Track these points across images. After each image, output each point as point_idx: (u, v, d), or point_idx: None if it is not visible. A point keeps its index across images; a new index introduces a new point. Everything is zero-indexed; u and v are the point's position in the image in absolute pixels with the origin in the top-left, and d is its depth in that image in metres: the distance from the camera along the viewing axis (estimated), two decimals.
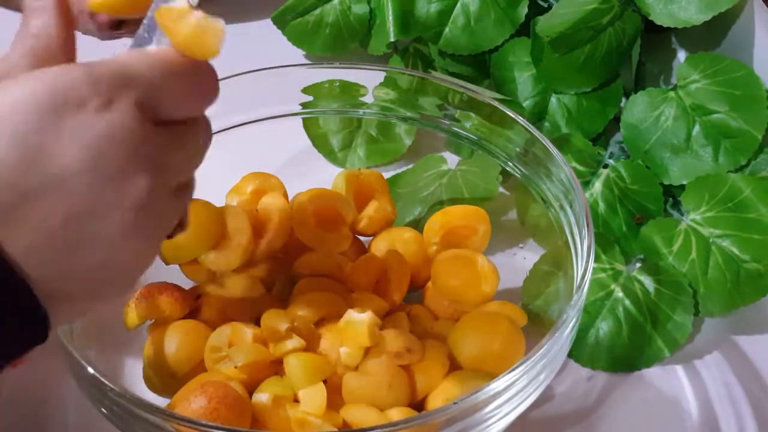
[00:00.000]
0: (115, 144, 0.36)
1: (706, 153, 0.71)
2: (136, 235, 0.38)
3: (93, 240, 0.37)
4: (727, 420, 0.62)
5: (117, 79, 0.37)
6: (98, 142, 0.36)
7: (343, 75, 0.71)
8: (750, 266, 0.65)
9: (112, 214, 0.37)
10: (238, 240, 0.61)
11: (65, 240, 0.36)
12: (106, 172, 0.36)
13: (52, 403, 0.62)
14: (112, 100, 0.36)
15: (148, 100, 0.38)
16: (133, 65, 0.38)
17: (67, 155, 0.36)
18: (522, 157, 0.66)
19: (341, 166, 0.78)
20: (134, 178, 0.37)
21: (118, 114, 0.36)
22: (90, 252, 0.37)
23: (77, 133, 0.36)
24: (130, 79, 0.37)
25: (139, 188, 0.37)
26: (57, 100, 0.36)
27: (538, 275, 0.67)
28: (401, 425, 0.48)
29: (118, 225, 0.37)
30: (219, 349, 0.58)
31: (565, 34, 0.73)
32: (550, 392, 0.64)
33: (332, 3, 0.87)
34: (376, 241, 0.67)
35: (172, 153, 0.39)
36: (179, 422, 0.48)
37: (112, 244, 0.37)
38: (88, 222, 0.36)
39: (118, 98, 0.37)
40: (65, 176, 0.36)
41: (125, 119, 0.37)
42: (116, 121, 0.36)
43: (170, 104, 0.39)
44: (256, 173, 0.67)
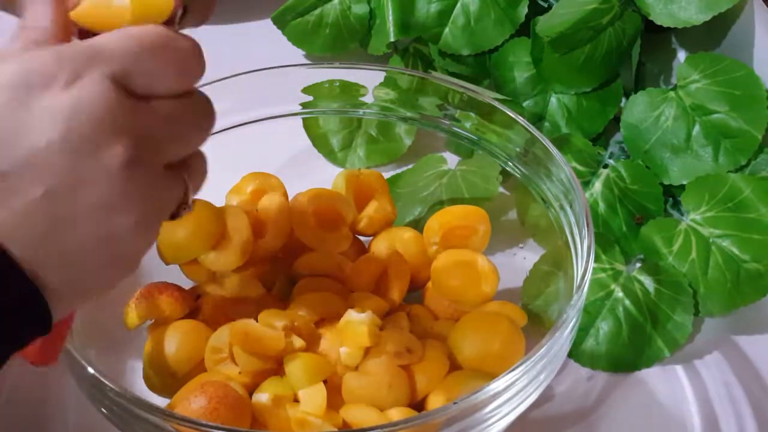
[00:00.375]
0: (84, 114, 0.36)
1: (706, 153, 0.71)
2: (124, 206, 0.37)
3: (77, 214, 0.36)
4: (727, 420, 0.62)
5: (84, 56, 0.37)
6: (66, 114, 0.36)
7: (343, 75, 0.71)
8: (750, 266, 0.65)
9: (92, 185, 0.36)
10: (238, 240, 0.61)
11: (49, 217, 0.36)
12: (77, 142, 0.36)
13: (52, 403, 0.62)
14: (80, 74, 0.36)
15: (122, 74, 0.37)
16: (103, 42, 0.38)
17: (37, 132, 0.35)
18: (522, 157, 0.66)
19: (341, 166, 0.78)
20: (109, 147, 0.36)
21: (87, 87, 0.36)
22: (78, 228, 0.37)
23: (46, 109, 0.36)
24: (99, 54, 0.37)
25: (116, 157, 0.37)
26: (25, 83, 0.36)
27: (538, 275, 0.67)
28: (401, 425, 0.48)
29: (101, 196, 0.37)
30: (219, 349, 0.58)
31: (565, 34, 0.73)
32: (550, 392, 0.64)
33: (332, 3, 0.87)
34: (376, 241, 0.67)
35: (159, 126, 0.39)
36: (179, 422, 0.48)
37: (98, 217, 0.37)
38: (69, 195, 0.36)
39: (86, 72, 0.37)
40: (37, 152, 0.35)
41: (94, 91, 0.36)
42: (84, 94, 0.36)
43: (147, 77, 0.38)
44: (256, 173, 0.67)
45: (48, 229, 0.36)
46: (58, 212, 0.36)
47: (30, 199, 0.35)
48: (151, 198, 0.39)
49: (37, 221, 0.36)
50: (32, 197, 0.35)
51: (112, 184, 0.37)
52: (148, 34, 0.39)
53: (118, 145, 0.37)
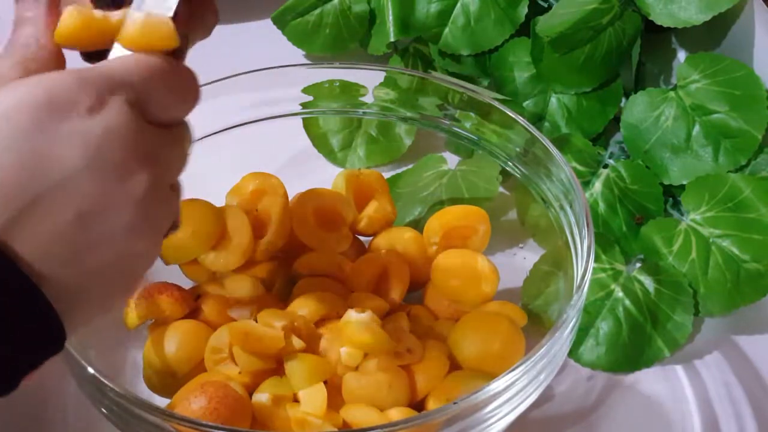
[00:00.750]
0: (113, 141, 0.37)
1: (706, 153, 0.71)
2: (141, 230, 0.39)
3: (102, 237, 0.37)
4: (727, 420, 0.62)
5: (106, 82, 0.38)
6: (96, 140, 0.37)
7: (343, 75, 0.71)
8: (750, 266, 0.65)
9: (118, 210, 0.37)
10: (238, 240, 0.61)
11: (76, 240, 0.37)
12: (108, 168, 0.37)
13: (52, 403, 0.62)
14: (104, 100, 0.37)
15: (139, 101, 0.39)
16: (120, 69, 0.39)
17: (68, 156, 0.36)
18: (522, 157, 0.66)
19: (341, 166, 0.78)
20: (135, 173, 0.38)
21: (112, 113, 0.37)
22: (100, 250, 0.37)
23: (75, 134, 0.36)
24: (119, 81, 0.38)
25: (141, 183, 0.38)
26: (49, 105, 0.36)
27: (538, 275, 0.67)
28: (401, 425, 0.48)
29: (125, 220, 0.38)
30: (220, 350, 0.58)
31: (565, 34, 0.73)
32: (550, 392, 0.64)
33: (332, 3, 0.87)
34: (376, 241, 0.67)
35: (167, 151, 0.40)
36: (179, 422, 0.48)
37: (120, 240, 0.38)
38: (97, 220, 0.37)
39: (109, 99, 0.37)
40: (69, 177, 0.36)
41: (120, 117, 0.37)
42: (111, 120, 0.37)
43: (158, 105, 0.40)
44: (256, 173, 0.67)
45: (73, 250, 0.37)
46: (85, 235, 0.37)
47: (61, 222, 0.36)
48: (162, 219, 0.41)
49: (65, 244, 0.36)
50: (63, 220, 0.36)
51: (137, 209, 0.38)
52: (160, 65, 0.40)
53: (142, 171, 0.38)
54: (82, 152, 0.36)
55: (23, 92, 0.37)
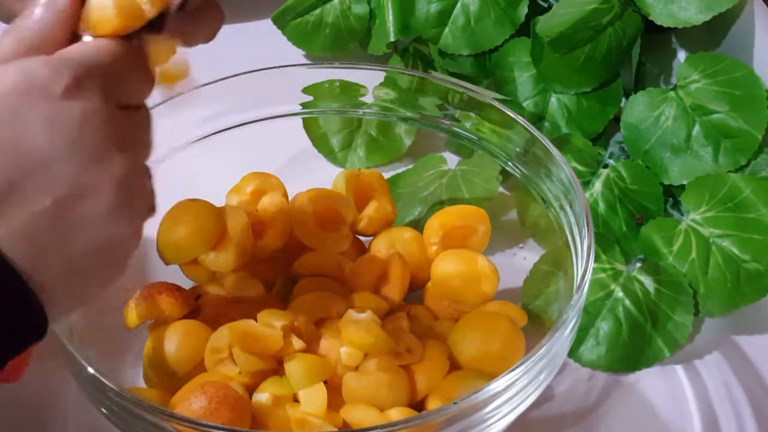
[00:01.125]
0: (90, 127, 0.37)
1: (706, 153, 0.71)
2: (121, 213, 0.39)
3: (82, 222, 0.37)
4: (727, 420, 0.62)
5: (81, 68, 0.38)
6: (73, 126, 0.37)
7: (343, 75, 0.71)
8: (750, 266, 0.65)
9: (96, 194, 0.38)
10: (238, 240, 0.61)
11: (55, 225, 0.36)
12: (85, 154, 0.37)
13: (52, 403, 0.62)
14: (80, 86, 0.38)
15: (111, 86, 0.39)
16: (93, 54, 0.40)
17: (46, 142, 0.36)
18: (522, 157, 0.66)
19: (341, 166, 0.78)
20: (111, 157, 0.38)
21: (88, 99, 0.38)
22: (80, 234, 0.37)
23: (51, 119, 0.37)
24: (92, 67, 0.39)
25: (118, 167, 0.38)
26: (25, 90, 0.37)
27: (538, 275, 0.67)
28: (401, 425, 0.48)
29: (104, 204, 0.38)
30: (220, 350, 0.58)
31: (565, 34, 0.73)
32: (550, 392, 0.64)
33: (332, 3, 0.87)
34: (376, 241, 0.67)
35: (138, 134, 0.41)
36: (179, 422, 0.48)
37: (100, 224, 0.38)
38: (75, 204, 0.37)
39: (84, 84, 0.38)
40: (47, 162, 0.36)
41: (95, 103, 0.38)
42: (87, 106, 0.37)
43: (127, 89, 0.41)
44: (256, 173, 0.67)
45: (53, 237, 0.37)
46: (65, 220, 0.37)
47: (39, 209, 0.36)
48: (140, 201, 0.41)
49: (44, 230, 0.36)
50: (41, 206, 0.36)
51: (116, 192, 0.38)
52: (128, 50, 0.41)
53: (118, 155, 0.38)
54: (60, 139, 0.37)
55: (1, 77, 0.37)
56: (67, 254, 0.37)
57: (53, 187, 0.36)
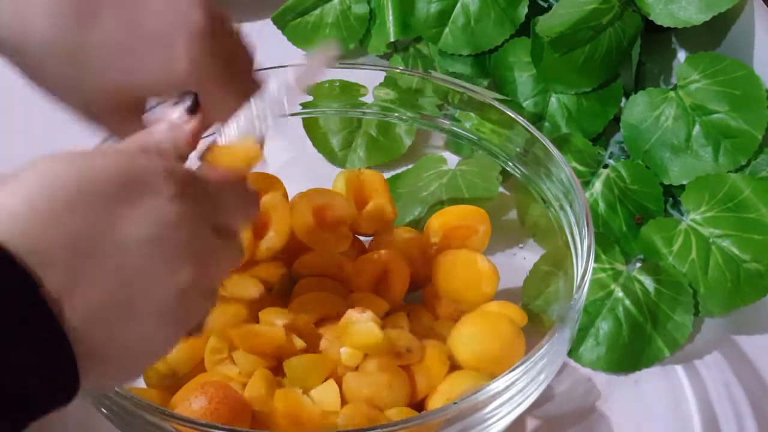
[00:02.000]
0: (179, 231, 0.39)
1: (706, 153, 0.71)
2: (171, 319, 0.40)
3: (136, 312, 0.38)
4: (727, 420, 0.62)
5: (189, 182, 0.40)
6: (165, 225, 0.38)
7: (343, 75, 0.71)
8: (750, 266, 0.65)
9: (158, 292, 0.39)
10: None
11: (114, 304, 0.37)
12: (164, 252, 0.38)
13: None
14: (186, 194, 0.39)
15: (211, 207, 0.41)
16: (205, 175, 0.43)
17: (135, 228, 0.37)
18: (522, 157, 0.66)
19: (341, 166, 0.78)
20: (184, 266, 0.39)
21: (188, 208, 0.39)
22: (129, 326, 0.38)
23: (149, 213, 0.38)
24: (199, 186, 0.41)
25: (186, 276, 0.39)
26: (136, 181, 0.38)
27: (538, 275, 0.67)
28: (401, 425, 0.48)
29: (161, 304, 0.39)
30: (219, 350, 0.58)
31: (565, 34, 0.73)
32: (550, 392, 0.64)
33: (332, 3, 0.87)
34: (376, 241, 0.67)
35: (216, 258, 0.42)
36: (179, 422, 0.48)
37: (149, 323, 0.39)
38: (138, 293, 0.38)
39: (190, 195, 0.40)
40: (129, 245, 0.37)
41: (193, 215, 0.40)
42: (184, 213, 0.39)
43: (225, 215, 0.43)
44: (256, 173, 0.67)
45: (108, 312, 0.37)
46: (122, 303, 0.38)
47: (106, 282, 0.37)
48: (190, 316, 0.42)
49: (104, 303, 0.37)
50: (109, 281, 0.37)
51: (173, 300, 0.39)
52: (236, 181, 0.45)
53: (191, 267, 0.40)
54: (149, 231, 0.38)
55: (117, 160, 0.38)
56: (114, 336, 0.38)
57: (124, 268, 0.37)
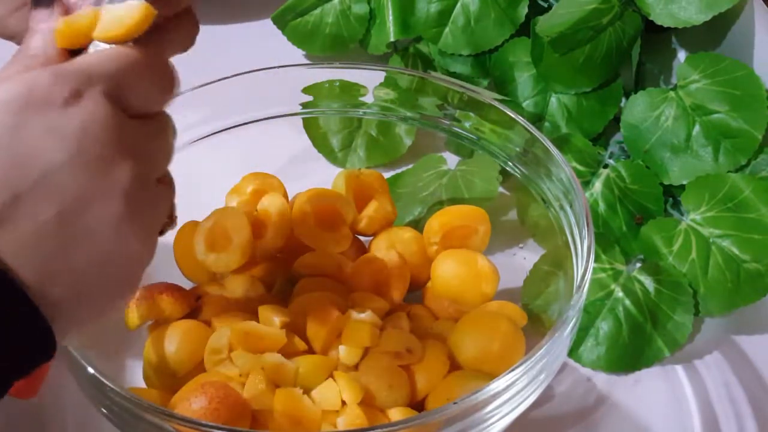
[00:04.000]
0: (92, 133, 0.37)
1: (706, 153, 0.71)
2: (129, 224, 0.38)
3: (87, 232, 0.37)
4: (727, 420, 0.62)
5: (81, 75, 0.38)
6: (74, 134, 0.36)
7: (343, 75, 0.71)
8: (750, 266, 0.65)
9: (102, 203, 0.37)
10: (238, 240, 0.61)
11: (60, 236, 0.36)
12: (89, 161, 0.36)
13: (52, 403, 0.62)
14: (81, 93, 0.37)
15: (117, 93, 0.39)
16: (95, 61, 0.39)
17: (48, 151, 0.36)
18: (522, 157, 0.66)
19: (341, 166, 0.78)
20: (118, 165, 0.37)
21: (89, 106, 0.37)
22: (87, 245, 0.37)
23: (53, 128, 0.36)
24: (94, 74, 0.38)
25: (124, 175, 0.37)
26: (27, 101, 0.36)
27: (538, 275, 0.67)
28: (401, 425, 0.48)
29: (111, 214, 0.37)
30: (219, 350, 0.58)
31: (565, 34, 0.73)
32: (550, 392, 0.64)
33: (332, 3, 0.87)
34: (376, 241, 0.67)
35: (150, 143, 0.40)
36: (179, 422, 0.48)
37: (107, 234, 0.37)
38: (80, 214, 0.36)
39: (85, 91, 0.37)
40: (50, 172, 0.36)
41: (97, 110, 0.37)
42: (88, 112, 0.37)
43: (137, 96, 0.40)
44: (256, 173, 0.67)
45: (58, 248, 0.36)
46: (69, 231, 0.36)
47: (42, 220, 0.35)
48: (153, 211, 0.40)
49: (48, 242, 0.36)
50: (44, 218, 0.35)
51: (122, 202, 0.37)
52: (135, 55, 0.40)
53: (125, 163, 0.38)
54: (61, 147, 0.36)
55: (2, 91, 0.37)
56: (74, 267, 0.37)
57: (56, 197, 0.36)
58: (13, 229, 0.35)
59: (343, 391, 0.55)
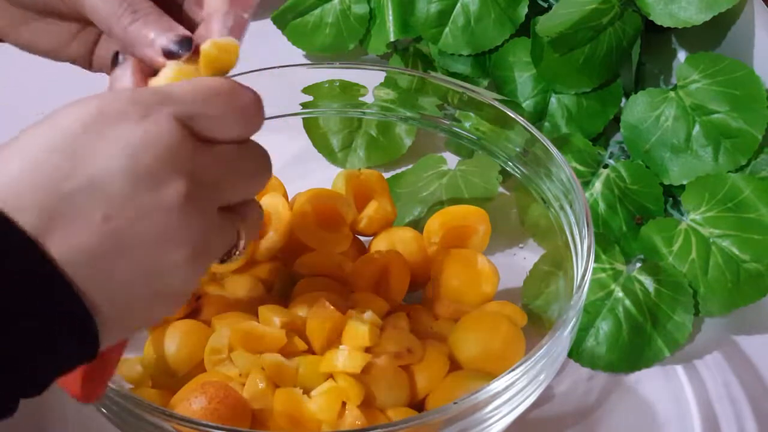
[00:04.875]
0: (151, 148, 0.37)
1: (706, 153, 0.71)
2: (176, 242, 0.38)
3: (131, 244, 0.37)
4: (727, 420, 0.62)
5: (156, 97, 0.39)
6: (134, 146, 0.37)
7: (343, 75, 0.71)
8: (750, 266, 0.65)
9: (149, 217, 0.37)
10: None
11: (105, 240, 0.36)
12: (142, 173, 0.37)
13: (52, 403, 0.62)
14: (151, 112, 0.38)
15: (188, 115, 0.39)
16: (173, 87, 0.40)
17: (105, 158, 0.37)
18: (522, 157, 0.66)
19: (341, 166, 0.78)
20: (170, 181, 0.38)
21: (155, 123, 0.38)
22: (130, 257, 0.37)
23: (116, 139, 0.37)
24: (168, 97, 0.39)
25: (175, 192, 0.38)
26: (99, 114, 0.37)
27: (538, 275, 0.67)
28: (401, 425, 0.48)
29: (156, 229, 0.37)
30: (219, 350, 0.58)
31: (565, 34, 0.73)
32: (550, 392, 0.64)
33: (332, 3, 0.87)
34: (376, 241, 0.67)
35: (216, 169, 0.40)
36: (179, 422, 0.48)
37: (150, 249, 0.38)
38: (126, 224, 0.37)
39: (156, 111, 0.38)
40: (102, 177, 0.36)
41: (162, 127, 0.38)
42: (153, 129, 0.38)
43: (210, 122, 0.40)
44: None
45: (102, 254, 0.36)
46: (114, 239, 0.37)
47: (90, 222, 0.36)
48: (202, 237, 0.40)
49: (93, 245, 0.36)
50: (92, 220, 0.36)
51: (168, 219, 0.38)
52: (214, 82, 0.42)
53: (179, 181, 0.38)
54: (120, 157, 0.37)
55: (78, 105, 0.38)
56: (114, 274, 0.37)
57: (104, 202, 0.36)
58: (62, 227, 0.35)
59: (343, 391, 0.55)
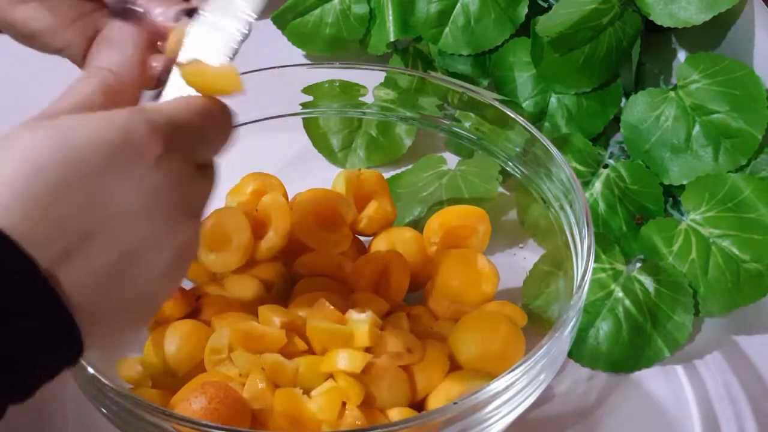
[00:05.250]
0: (170, 192, 0.39)
1: (706, 153, 0.71)
2: (175, 272, 0.40)
3: (139, 276, 0.38)
4: (727, 420, 0.62)
5: (171, 130, 0.39)
6: (156, 189, 0.38)
7: (343, 75, 0.71)
8: (750, 266, 0.65)
9: (159, 255, 0.39)
10: (238, 240, 0.61)
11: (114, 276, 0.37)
12: (161, 216, 0.38)
13: (52, 403, 0.62)
14: (169, 150, 0.39)
15: (194, 148, 0.41)
16: (184, 114, 0.41)
17: (127, 198, 0.37)
18: (522, 157, 0.66)
19: (341, 166, 0.78)
20: (185, 223, 0.40)
21: (174, 165, 0.39)
22: (132, 286, 0.39)
23: (137, 180, 0.38)
24: (180, 129, 0.40)
25: (189, 232, 0.40)
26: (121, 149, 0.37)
27: (538, 275, 0.67)
28: (401, 425, 0.48)
29: (164, 264, 0.39)
30: (219, 350, 0.58)
31: (565, 34, 0.73)
32: (550, 392, 0.64)
33: (332, 3, 0.87)
34: (376, 241, 0.67)
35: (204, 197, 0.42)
36: (179, 422, 0.48)
37: (152, 281, 0.39)
38: (137, 260, 0.38)
39: (173, 149, 0.39)
40: (123, 217, 0.37)
41: (180, 170, 0.39)
42: (173, 172, 0.39)
43: (207, 149, 0.42)
44: (256, 173, 0.67)
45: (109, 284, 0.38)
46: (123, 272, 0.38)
47: (105, 261, 0.37)
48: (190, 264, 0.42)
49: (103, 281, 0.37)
50: (108, 260, 0.37)
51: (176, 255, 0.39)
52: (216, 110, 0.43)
53: (192, 221, 0.40)
54: (141, 199, 0.38)
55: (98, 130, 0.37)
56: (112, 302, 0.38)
57: (121, 241, 0.37)
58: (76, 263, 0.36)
59: (343, 391, 0.55)
